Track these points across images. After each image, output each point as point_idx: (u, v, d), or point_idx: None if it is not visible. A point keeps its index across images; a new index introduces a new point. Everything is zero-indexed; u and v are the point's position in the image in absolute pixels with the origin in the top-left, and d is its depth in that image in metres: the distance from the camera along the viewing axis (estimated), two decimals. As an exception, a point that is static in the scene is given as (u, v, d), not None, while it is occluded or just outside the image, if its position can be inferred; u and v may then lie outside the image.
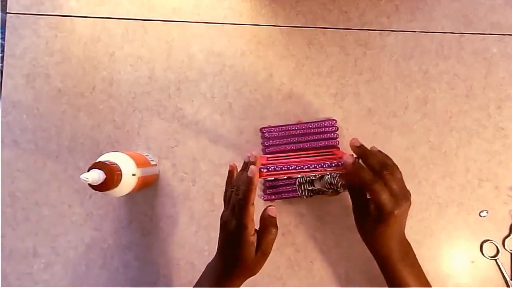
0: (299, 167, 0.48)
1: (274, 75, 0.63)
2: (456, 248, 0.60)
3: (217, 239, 0.49)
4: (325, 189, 0.57)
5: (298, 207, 0.61)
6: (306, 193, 0.59)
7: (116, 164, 0.50)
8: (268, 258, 0.61)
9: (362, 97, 0.62)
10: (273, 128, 0.61)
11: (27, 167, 0.62)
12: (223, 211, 0.49)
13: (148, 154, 0.61)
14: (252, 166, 0.45)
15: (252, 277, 0.61)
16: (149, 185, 0.60)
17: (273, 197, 0.60)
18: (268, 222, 0.47)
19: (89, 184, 0.47)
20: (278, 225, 0.62)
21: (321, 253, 0.60)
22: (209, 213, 0.61)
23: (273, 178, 0.51)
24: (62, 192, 0.62)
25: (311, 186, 0.58)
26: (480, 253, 0.59)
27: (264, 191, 0.61)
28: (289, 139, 0.61)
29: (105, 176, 0.47)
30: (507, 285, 0.59)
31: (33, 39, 0.64)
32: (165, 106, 0.63)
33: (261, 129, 0.62)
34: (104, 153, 0.53)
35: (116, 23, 0.64)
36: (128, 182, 0.51)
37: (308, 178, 0.58)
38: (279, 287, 0.60)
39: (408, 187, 0.60)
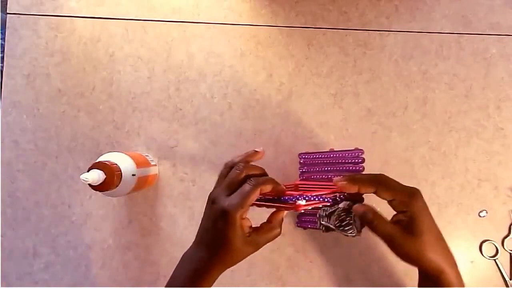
0: (283, 199, 0.44)
1: (274, 75, 0.63)
2: (455, 248, 0.60)
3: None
4: (333, 226, 0.50)
5: (298, 207, 0.61)
6: (323, 228, 0.51)
7: (116, 164, 0.50)
8: (268, 258, 0.61)
9: (361, 97, 0.62)
10: (308, 155, 0.58)
11: (27, 167, 0.62)
12: (214, 189, 0.45)
13: (148, 154, 0.61)
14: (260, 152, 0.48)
15: (252, 277, 0.61)
16: (149, 185, 0.60)
17: (308, 225, 0.58)
18: (277, 222, 0.46)
19: (89, 184, 0.47)
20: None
21: (321, 253, 0.60)
22: (209, 213, 0.61)
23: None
24: (62, 192, 0.62)
25: (327, 221, 0.50)
26: (480, 253, 0.60)
27: (298, 217, 0.60)
28: (318, 167, 0.57)
29: (105, 176, 0.48)
30: (506, 285, 0.59)
31: (33, 39, 0.64)
32: (165, 106, 0.63)
33: (299, 155, 0.59)
34: (104, 153, 0.53)
35: (116, 23, 0.64)
36: (128, 182, 0.51)
37: (324, 212, 0.51)
38: (279, 287, 0.60)
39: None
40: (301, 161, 0.59)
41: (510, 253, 0.59)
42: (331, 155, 0.56)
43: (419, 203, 0.44)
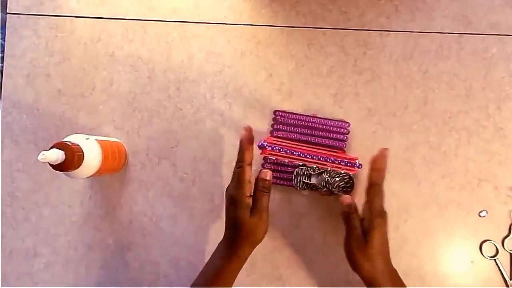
0: (304, 155, 0.49)
1: (274, 75, 0.63)
2: (455, 248, 0.60)
3: (217, 239, 0.50)
4: (320, 186, 0.58)
5: (299, 207, 0.61)
6: (301, 185, 0.59)
7: (78, 145, 0.49)
8: (268, 258, 0.61)
9: (361, 97, 0.62)
10: (287, 114, 0.61)
11: (27, 167, 0.62)
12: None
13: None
14: (246, 131, 0.51)
15: (252, 277, 0.61)
16: (120, 155, 0.59)
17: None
18: (260, 184, 0.50)
19: (50, 164, 0.46)
20: (278, 225, 0.62)
21: (321, 253, 0.60)
22: (209, 213, 0.61)
23: (273, 158, 0.52)
24: (62, 192, 0.62)
25: (307, 180, 0.58)
26: (480, 253, 0.59)
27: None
28: (299, 129, 0.61)
29: (64, 157, 0.46)
30: (507, 285, 0.59)
31: (33, 39, 0.64)
32: (165, 106, 0.63)
33: (275, 111, 0.61)
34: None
35: (116, 23, 0.64)
36: (91, 157, 0.51)
37: (306, 171, 0.58)
38: (279, 287, 0.60)
39: (407, 187, 0.61)
40: (278, 119, 0.61)
41: (510, 253, 0.59)
42: (315, 120, 0.60)
43: (385, 220, 0.51)
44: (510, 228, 0.59)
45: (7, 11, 0.64)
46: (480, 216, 0.60)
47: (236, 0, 0.64)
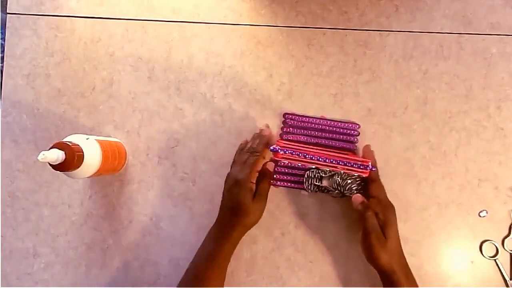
0: (317, 158, 0.49)
1: (274, 75, 0.63)
2: (455, 248, 0.60)
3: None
4: (331, 188, 0.57)
5: (299, 207, 0.61)
6: (312, 188, 0.58)
7: (78, 145, 0.49)
8: (268, 258, 0.62)
9: (361, 97, 0.62)
10: (297, 117, 0.61)
11: (27, 167, 0.62)
12: (230, 169, 0.56)
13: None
14: (268, 129, 0.59)
15: (252, 277, 0.61)
16: (120, 156, 0.59)
17: (278, 183, 0.60)
18: (266, 173, 0.56)
19: (50, 164, 0.46)
20: (278, 225, 0.62)
21: (321, 253, 0.60)
22: (209, 213, 0.61)
23: (286, 162, 0.54)
24: (62, 192, 0.62)
25: (319, 182, 0.58)
26: (480, 253, 0.59)
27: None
28: (308, 131, 0.60)
29: (64, 157, 0.46)
30: (507, 285, 0.59)
31: (33, 39, 0.64)
32: (165, 106, 0.63)
33: (284, 114, 0.61)
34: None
35: (116, 23, 0.64)
36: (91, 158, 0.51)
37: (318, 174, 0.58)
38: (279, 287, 0.60)
39: (407, 187, 0.61)
40: (287, 122, 0.61)
41: (510, 253, 0.59)
42: (324, 123, 0.61)
43: (395, 214, 0.54)
44: (510, 228, 0.59)
45: (7, 11, 0.64)
46: (480, 216, 0.60)
47: (236, 0, 0.64)
